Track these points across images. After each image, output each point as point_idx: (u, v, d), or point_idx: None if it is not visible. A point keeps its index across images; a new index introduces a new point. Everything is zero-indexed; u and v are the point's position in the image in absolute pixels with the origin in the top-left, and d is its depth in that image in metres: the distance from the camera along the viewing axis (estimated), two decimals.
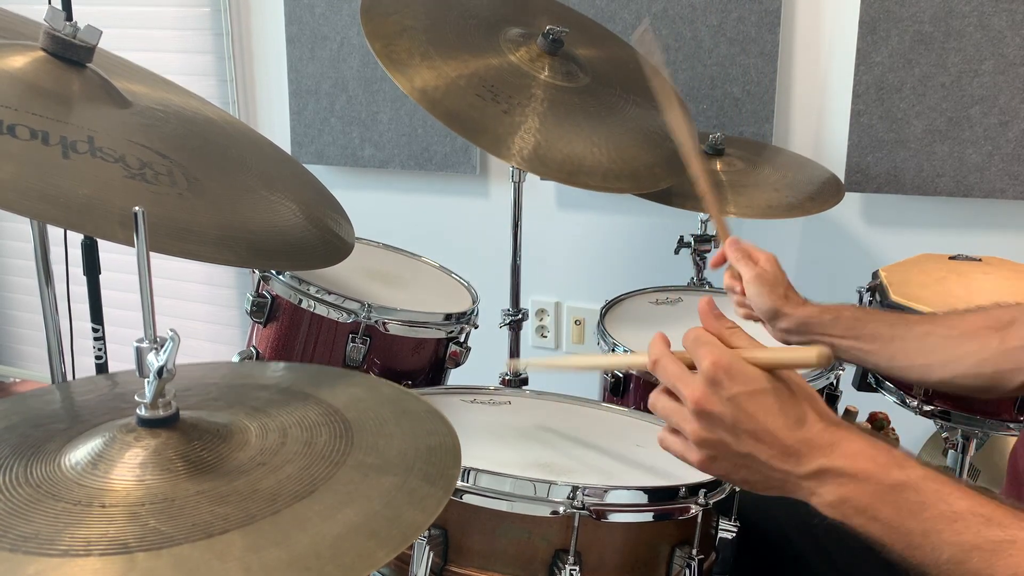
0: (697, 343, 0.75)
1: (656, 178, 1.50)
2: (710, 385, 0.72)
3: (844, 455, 0.70)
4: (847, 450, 0.71)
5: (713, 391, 0.72)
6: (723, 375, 0.72)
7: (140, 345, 0.71)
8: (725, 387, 0.72)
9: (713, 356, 0.72)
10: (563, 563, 0.92)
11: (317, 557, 0.61)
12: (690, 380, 0.74)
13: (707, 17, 1.97)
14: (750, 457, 0.73)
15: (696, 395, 0.73)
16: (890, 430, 1.60)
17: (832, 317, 1.14)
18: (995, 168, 1.83)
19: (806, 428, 0.72)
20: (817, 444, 0.71)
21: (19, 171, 0.86)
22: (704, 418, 0.73)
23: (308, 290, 1.34)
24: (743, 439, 0.72)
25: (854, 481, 0.70)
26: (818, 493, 0.72)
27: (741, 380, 0.72)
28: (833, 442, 0.71)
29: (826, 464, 0.71)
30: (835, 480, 0.70)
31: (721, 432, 0.73)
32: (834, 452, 0.71)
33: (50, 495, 0.66)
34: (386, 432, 0.79)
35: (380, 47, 1.39)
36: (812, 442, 0.71)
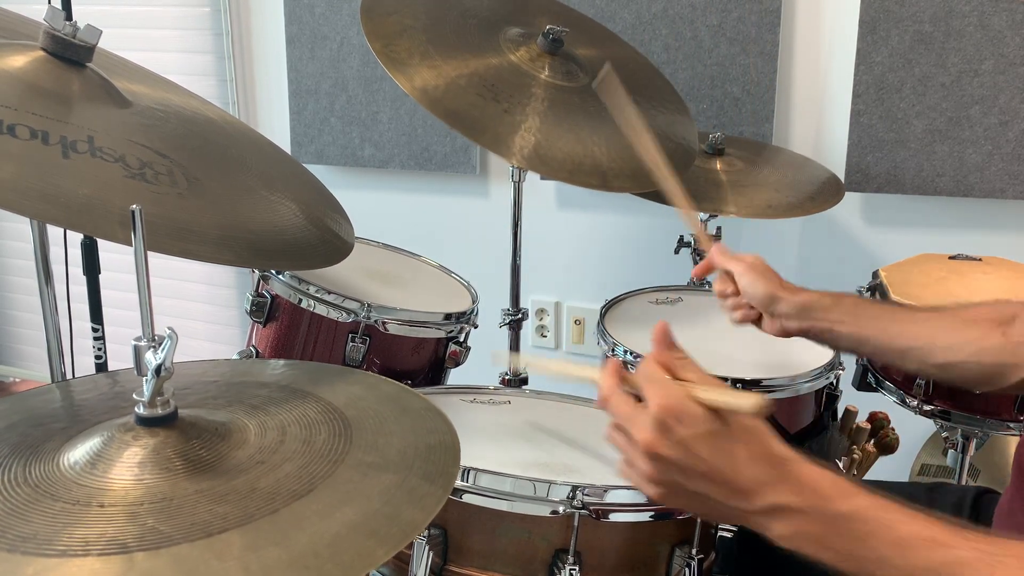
0: (647, 380, 0.75)
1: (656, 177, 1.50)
2: (659, 429, 0.73)
3: (792, 490, 0.72)
4: (794, 485, 0.72)
5: (662, 435, 0.73)
6: (671, 419, 0.72)
7: (138, 343, 0.71)
8: (674, 431, 0.72)
9: (660, 399, 0.73)
10: (563, 563, 0.92)
11: (316, 556, 0.61)
12: (639, 423, 0.74)
13: (707, 17, 1.97)
14: (703, 495, 0.74)
15: (646, 439, 0.73)
16: (890, 430, 1.60)
17: (832, 301, 1.13)
18: (995, 168, 1.83)
19: (754, 466, 0.73)
20: (765, 481, 0.72)
21: (19, 171, 0.86)
22: (655, 460, 0.74)
23: (308, 290, 1.34)
24: (694, 480, 0.73)
25: (802, 515, 0.71)
26: (770, 527, 0.73)
27: (689, 423, 0.72)
28: (781, 478, 0.72)
29: (775, 501, 0.72)
30: (785, 515, 0.72)
31: (673, 473, 0.74)
32: (782, 488, 0.72)
33: (49, 495, 0.66)
34: (385, 431, 0.79)
35: (380, 47, 1.39)
36: (760, 480, 0.72)
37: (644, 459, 0.74)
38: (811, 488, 0.72)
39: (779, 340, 1.18)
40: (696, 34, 1.98)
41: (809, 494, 0.71)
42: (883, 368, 1.49)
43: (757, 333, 1.20)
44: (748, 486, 0.72)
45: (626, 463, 0.78)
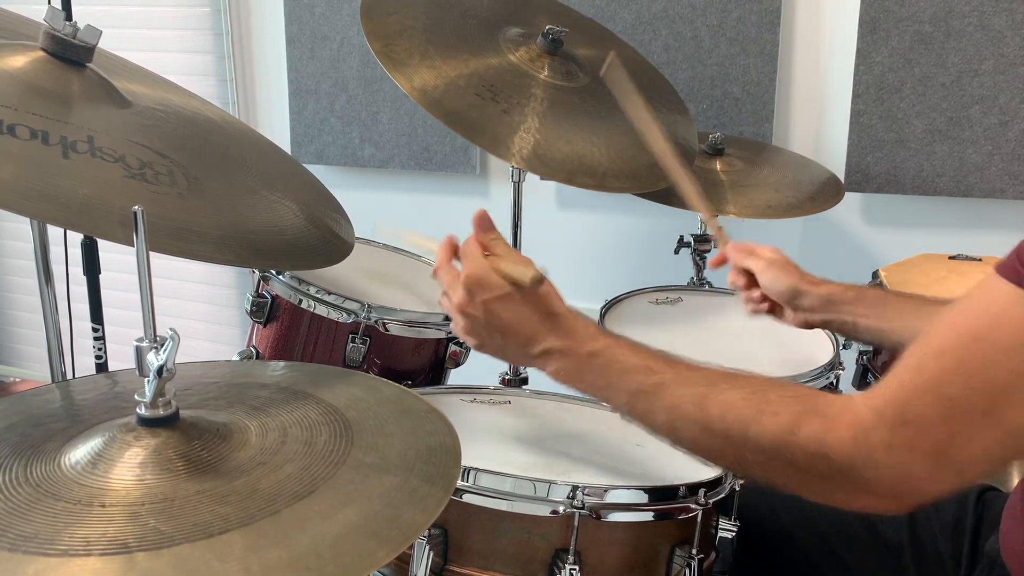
0: (464, 255, 0.96)
1: (656, 178, 1.50)
2: (467, 292, 0.92)
3: (556, 337, 0.91)
4: (560, 332, 0.91)
5: (469, 297, 0.92)
6: (475, 286, 0.92)
7: (140, 344, 0.71)
8: (476, 294, 0.92)
9: (468, 269, 0.93)
10: (563, 563, 0.92)
11: (317, 557, 0.61)
12: (455, 288, 0.94)
13: (707, 17, 1.97)
14: (502, 344, 0.94)
15: (458, 300, 0.94)
16: None
17: (856, 295, 1.15)
18: (995, 168, 1.84)
19: (534, 321, 0.91)
20: (540, 331, 0.91)
21: (19, 171, 0.86)
22: (465, 317, 0.94)
23: (308, 290, 1.34)
24: (494, 333, 0.93)
25: (563, 355, 0.90)
26: (545, 367, 0.92)
27: (488, 288, 0.92)
28: (551, 328, 0.91)
29: (546, 345, 0.91)
30: (553, 356, 0.91)
31: (478, 328, 0.94)
32: (551, 336, 0.91)
33: (50, 495, 0.66)
34: (386, 432, 0.79)
35: (380, 47, 1.39)
36: (537, 330, 0.91)
37: (459, 316, 0.95)
38: (570, 335, 0.90)
39: (778, 340, 1.19)
40: (696, 34, 1.99)
41: (568, 339, 0.90)
42: (883, 368, 1.49)
43: (756, 332, 1.20)
44: (529, 335, 0.91)
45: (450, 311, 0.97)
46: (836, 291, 1.14)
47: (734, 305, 1.64)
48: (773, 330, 1.50)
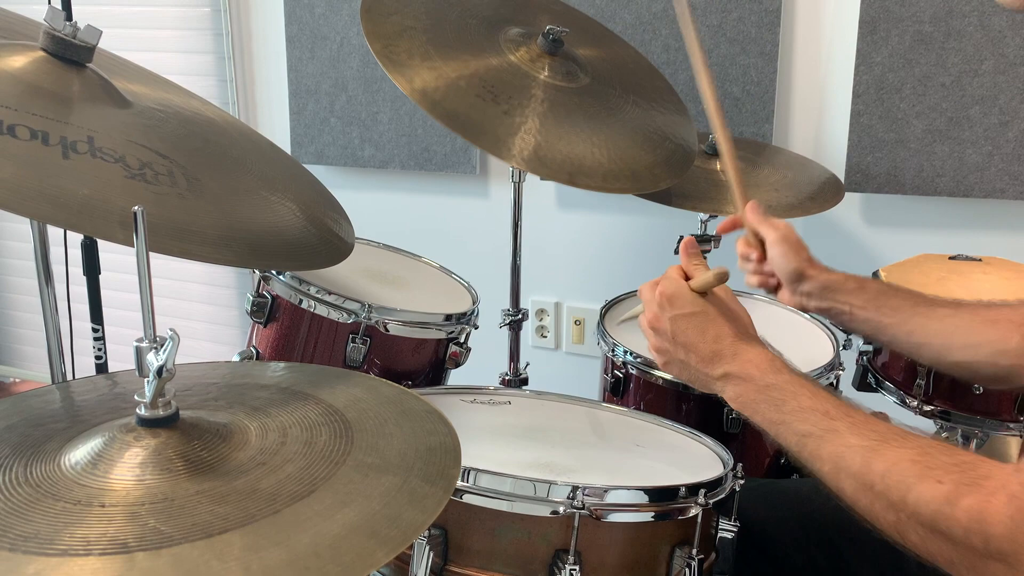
0: (663, 277, 1.01)
1: (656, 178, 1.50)
2: (659, 307, 0.99)
3: (739, 363, 0.92)
4: (743, 359, 0.93)
5: (660, 312, 0.99)
6: (666, 301, 0.98)
7: (140, 345, 0.71)
8: (667, 310, 0.98)
9: (662, 287, 0.99)
10: (563, 563, 0.92)
11: (317, 557, 0.61)
12: (650, 304, 1.00)
13: (707, 17, 1.97)
14: (684, 362, 0.97)
15: (650, 315, 1.01)
16: None
17: (856, 286, 1.15)
18: (995, 168, 1.84)
19: (720, 342, 0.94)
20: (725, 354, 0.94)
21: (19, 171, 0.86)
22: (654, 332, 1.00)
23: (308, 290, 1.34)
24: (679, 348, 0.97)
25: (743, 382, 0.92)
26: (724, 391, 0.94)
27: (678, 305, 0.97)
28: (735, 353, 0.93)
29: (728, 370, 0.93)
30: (733, 381, 0.93)
31: (664, 343, 0.99)
32: (734, 360, 0.93)
33: (50, 495, 0.66)
34: (386, 432, 0.79)
35: (380, 47, 1.39)
36: (722, 353, 0.94)
37: (650, 332, 1.01)
38: (753, 363, 0.92)
39: (778, 340, 1.18)
40: None
41: (749, 366, 0.92)
42: (883, 367, 1.49)
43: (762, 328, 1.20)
44: (711, 357, 0.94)
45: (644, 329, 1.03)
46: (837, 280, 1.15)
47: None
48: (773, 330, 1.50)
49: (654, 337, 1.00)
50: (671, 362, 0.99)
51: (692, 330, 0.96)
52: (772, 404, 0.88)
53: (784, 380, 0.89)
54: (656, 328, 0.99)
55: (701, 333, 0.95)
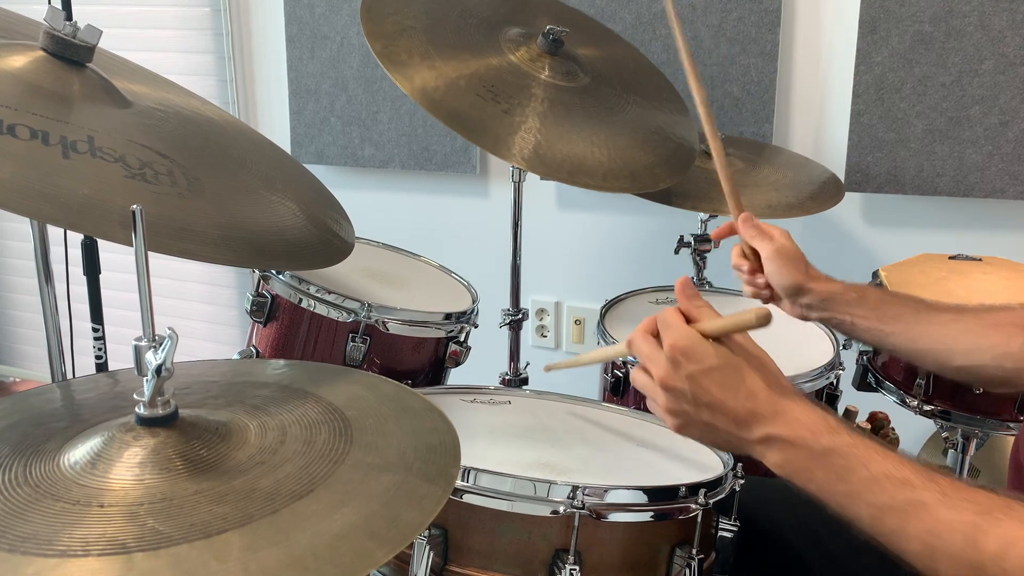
0: (664, 325, 0.85)
1: (656, 178, 1.50)
2: (672, 364, 0.83)
3: (785, 423, 0.79)
4: (788, 419, 0.79)
5: (674, 370, 0.83)
6: (680, 356, 0.82)
7: (138, 343, 0.71)
8: (683, 366, 0.82)
9: (671, 338, 0.83)
10: (563, 563, 0.92)
11: (315, 557, 0.61)
12: (656, 360, 0.84)
13: (707, 17, 1.97)
14: (710, 424, 0.83)
15: (660, 374, 0.84)
16: (890, 430, 1.60)
17: (857, 296, 1.13)
18: (995, 168, 1.83)
19: (754, 400, 0.81)
20: (763, 414, 0.80)
21: (19, 171, 0.86)
22: (669, 392, 0.84)
23: (308, 289, 1.34)
24: (702, 410, 0.82)
25: (793, 447, 0.79)
26: (766, 456, 0.81)
27: (696, 359, 0.82)
28: (776, 412, 0.80)
29: (770, 432, 0.80)
30: (778, 445, 0.80)
31: (684, 404, 0.83)
32: (777, 421, 0.79)
33: (49, 495, 0.66)
34: (386, 431, 0.79)
35: (380, 47, 1.39)
36: (758, 413, 0.80)
37: (660, 392, 0.84)
38: (801, 423, 0.79)
39: (778, 340, 1.18)
40: (696, 34, 1.98)
41: (798, 428, 0.79)
42: (883, 367, 1.49)
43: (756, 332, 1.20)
44: (746, 417, 0.80)
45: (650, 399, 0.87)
46: (837, 291, 1.13)
47: (735, 305, 1.64)
48: (773, 330, 1.50)
49: (665, 398, 0.84)
50: (690, 424, 0.84)
51: (718, 388, 0.81)
52: (834, 473, 0.76)
53: (845, 443, 0.76)
54: (669, 388, 0.83)
55: (730, 391, 0.81)
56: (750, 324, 0.80)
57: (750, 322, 0.80)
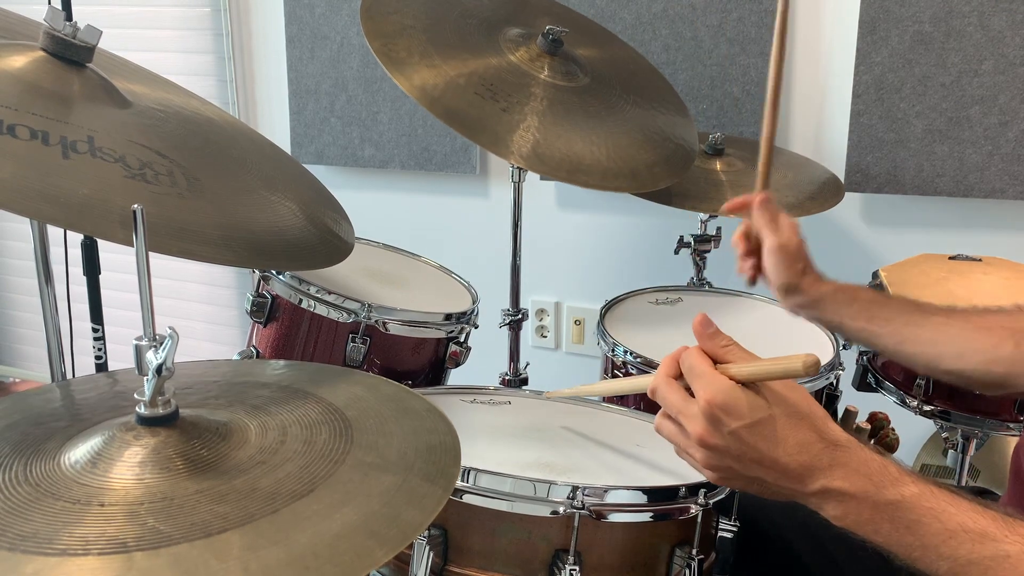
0: (693, 374, 0.77)
1: (655, 178, 1.50)
2: (710, 422, 0.75)
3: (843, 476, 0.74)
4: (846, 470, 0.74)
5: (714, 427, 0.75)
6: (720, 412, 0.74)
7: (139, 343, 0.71)
8: (724, 423, 0.74)
9: (708, 394, 0.75)
10: (563, 563, 0.92)
11: (316, 556, 0.61)
12: (691, 415, 0.77)
13: (707, 17, 1.97)
14: (758, 479, 0.77)
15: (698, 431, 0.76)
16: (890, 430, 1.60)
17: (848, 297, 1.12)
18: (995, 168, 1.83)
19: (806, 452, 0.75)
20: (817, 467, 0.74)
21: (19, 171, 0.86)
22: (709, 449, 0.76)
23: (308, 290, 1.34)
24: (749, 465, 0.76)
25: (853, 499, 0.74)
26: (823, 508, 0.76)
27: (738, 414, 0.74)
28: (832, 463, 0.74)
29: (826, 484, 0.74)
30: (836, 498, 0.74)
31: (728, 460, 0.76)
32: (833, 473, 0.74)
33: (49, 494, 0.66)
34: (386, 431, 0.79)
35: (379, 46, 1.39)
36: (812, 465, 0.75)
37: (699, 449, 0.77)
38: (861, 474, 0.74)
39: (778, 340, 1.18)
40: (696, 34, 1.99)
41: (858, 480, 0.73)
42: (883, 368, 1.49)
43: (757, 332, 1.20)
44: (799, 471, 0.75)
45: (680, 450, 0.81)
46: (828, 293, 1.12)
47: (735, 305, 1.64)
48: (773, 330, 1.50)
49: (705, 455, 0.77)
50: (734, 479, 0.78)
51: (765, 442, 0.74)
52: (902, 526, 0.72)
53: (912, 494, 0.72)
54: (710, 446, 0.76)
55: (779, 445, 0.74)
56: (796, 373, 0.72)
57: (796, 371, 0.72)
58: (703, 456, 0.77)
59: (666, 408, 0.80)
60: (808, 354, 0.71)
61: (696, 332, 0.79)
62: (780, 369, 0.74)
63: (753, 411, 0.74)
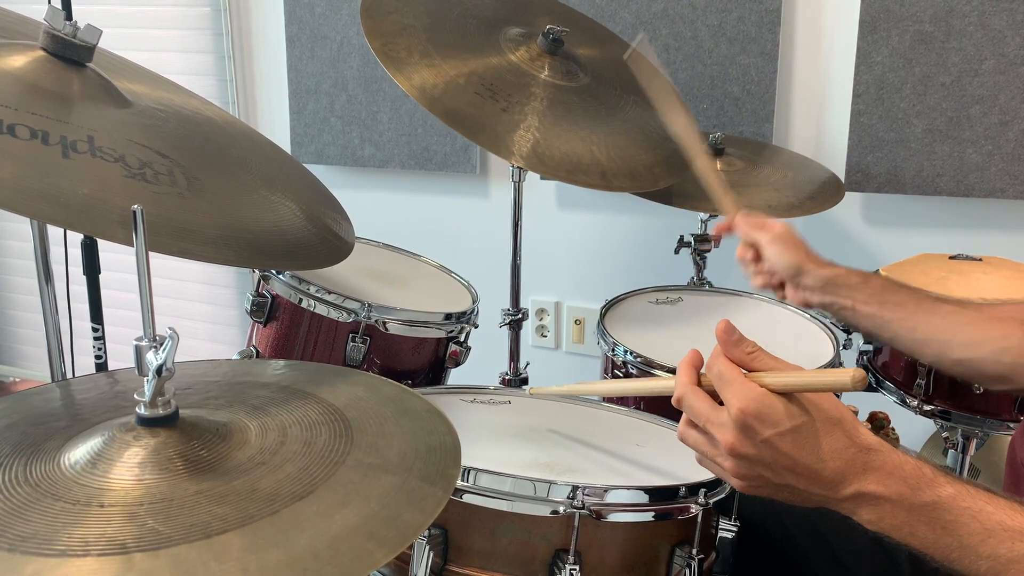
0: (722, 381, 0.76)
1: (655, 177, 1.50)
2: (742, 431, 0.74)
3: (877, 479, 0.73)
4: (881, 474, 0.74)
5: (745, 436, 0.74)
6: (753, 421, 0.73)
7: (139, 343, 0.71)
8: (757, 431, 0.73)
9: (741, 403, 0.73)
10: (563, 563, 0.92)
11: (315, 558, 0.61)
12: (721, 424, 0.75)
13: (707, 17, 1.97)
14: (789, 486, 0.76)
15: (729, 440, 0.75)
16: (890, 430, 1.60)
17: (860, 280, 1.12)
18: (995, 168, 1.83)
19: (839, 458, 0.74)
20: (851, 472, 0.74)
21: (19, 171, 0.86)
22: (740, 459, 0.75)
23: (308, 289, 1.34)
24: (781, 473, 0.75)
25: (888, 502, 0.73)
26: (857, 513, 0.75)
27: (771, 422, 0.73)
28: (866, 467, 0.74)
29: (860, 489, 0.74)
30: (870, 502, 0.74)
31: (759, 469, 0.75)
32: (867, 477, 0.74)
33: (49, 494, 0.66)
34: (386, 432, 0.79)
35: (379, 45, 1.39)
36: (845, 471, 0.74)
37: (728, 459, 0.76)
38: (896, 477, 0.73)
39: (778, 340, 1.18)
40: (696, 34, 1.98)
41: (893, 483, 0.73)
42: (883, 367, 1.49)
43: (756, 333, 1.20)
44: (833, 477, 0.74)
45: (705, 458, 0.80)
46: (840, 274, 1.13)
47: (735, 305, 1.64)
48: (773, 330, 1.50)
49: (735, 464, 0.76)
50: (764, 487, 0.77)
51: (799, 450, 0.73)
52: (940, 527, 0.72)
53: (948, 495, 0.72)
54: (742, 456, 0.75)
55: (813, 452, 0.73)
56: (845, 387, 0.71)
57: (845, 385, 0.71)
58: (733, 465, 0.76)
59: (692, 417, 0.79)
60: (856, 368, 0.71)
61: (720, 339, 0.78)
62: (827, 382, 0.73)
63: (787, 419, 0.73)
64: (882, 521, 0.74)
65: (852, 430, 0.75)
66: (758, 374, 0.75)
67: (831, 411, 0.75)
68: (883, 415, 1.61)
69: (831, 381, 0.73)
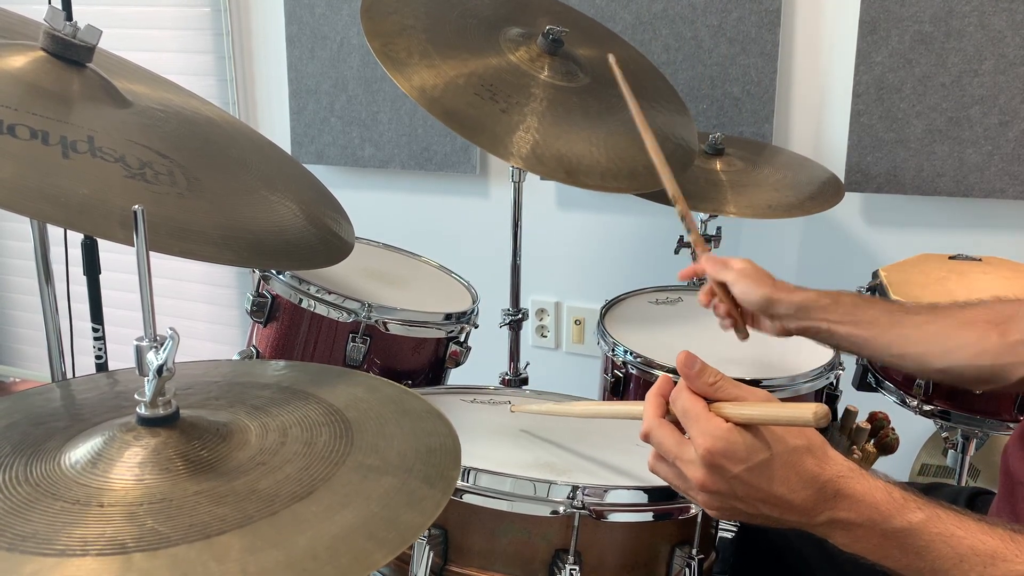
0: (687, 418, 0.76)
1: (655, 178, 1.49)
2: (709, 469, 0.74)
3: (847, 506, 0.73)
4: (852, 501, 0.73)
5: (714, 473, 0.74)
6: (721, 459, 0.73)
7: (140, 343, 0.71)
8: (726, 468, 0.73)
9: (707, 442, 0.73)
10: (563, 563, 0.92)
11: (315, 559, 0.61)
12: (689, 461, 0.75)
13: (707, 17, 1.97)
14: (763, 515, 0.76)
15: (699, 478, 0.75)
16: (890, 430, 1.60)
17: (830, 301, 1.12)
18: (995, 168, 1.83)
19: (810, 487, 0.74)
20: (821, 499, 0.74)
21: (19, 171, 0.86)
22: (711, 494, 0.75)
23: (308, 290, 1.34)
24: (754, 504, 0.75)
25: (860, 528, 0.73)
26: (831, 536, 0.75)
27: (739, 459, 0.73)
28: (836, 494, 0.74)
29: (832, 516, 0.74)
30: (843, 527, 0.74)
31: (731, 502, 0.76)
32: (838, 504, 0.74)
33: (49, 494, 0.66)
34: (386, 433, 0.79)
35: (379, 46, 1.39)
36: (816, 499, 0.74)
37: (700, 493, 0.76)
38: (866, 503, 0.73)
39: (779, 340, 1.18)
40: (696, 34, 1.98)
41: (864, 509, 0.73)
42: (883, 368, 1.49)
43: (754, 334, 1.20)
44: (805, 505, 0.74)
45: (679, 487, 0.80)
46: (810, 297, 1.12)
47: None
48: None
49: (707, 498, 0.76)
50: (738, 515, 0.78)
51: (768, 482, 0.73)
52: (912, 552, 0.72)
53: (919, 519, 0.72)
54: (712, 491, 0.75)
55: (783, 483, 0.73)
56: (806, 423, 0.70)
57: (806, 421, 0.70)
58: (705, 499, 0.76)
59: (661, 452, 0.79)
60: (818, 404, 0.70)
61: (681, 372, 0.77)
62: (787, 416, 0.72)
63: (752, 454, 0.73)
64: (855, 544, 0.74)
65: (821, 456, 0.75)
66: (721, 405, 0.75)
67: (798, 439, 0.74)
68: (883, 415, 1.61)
69: (794, 416, 0.71)
